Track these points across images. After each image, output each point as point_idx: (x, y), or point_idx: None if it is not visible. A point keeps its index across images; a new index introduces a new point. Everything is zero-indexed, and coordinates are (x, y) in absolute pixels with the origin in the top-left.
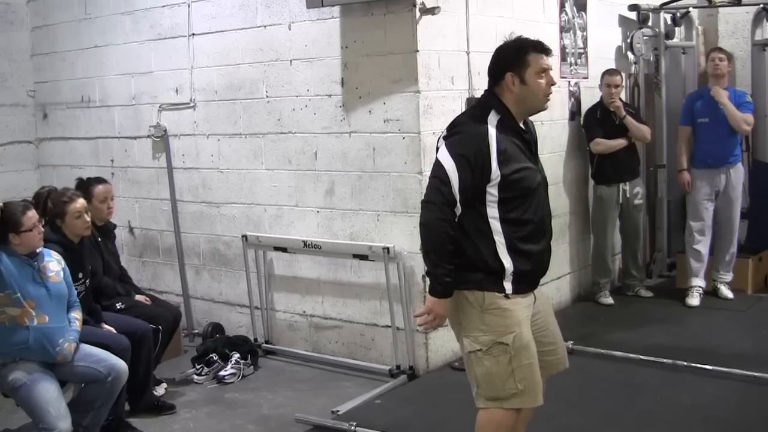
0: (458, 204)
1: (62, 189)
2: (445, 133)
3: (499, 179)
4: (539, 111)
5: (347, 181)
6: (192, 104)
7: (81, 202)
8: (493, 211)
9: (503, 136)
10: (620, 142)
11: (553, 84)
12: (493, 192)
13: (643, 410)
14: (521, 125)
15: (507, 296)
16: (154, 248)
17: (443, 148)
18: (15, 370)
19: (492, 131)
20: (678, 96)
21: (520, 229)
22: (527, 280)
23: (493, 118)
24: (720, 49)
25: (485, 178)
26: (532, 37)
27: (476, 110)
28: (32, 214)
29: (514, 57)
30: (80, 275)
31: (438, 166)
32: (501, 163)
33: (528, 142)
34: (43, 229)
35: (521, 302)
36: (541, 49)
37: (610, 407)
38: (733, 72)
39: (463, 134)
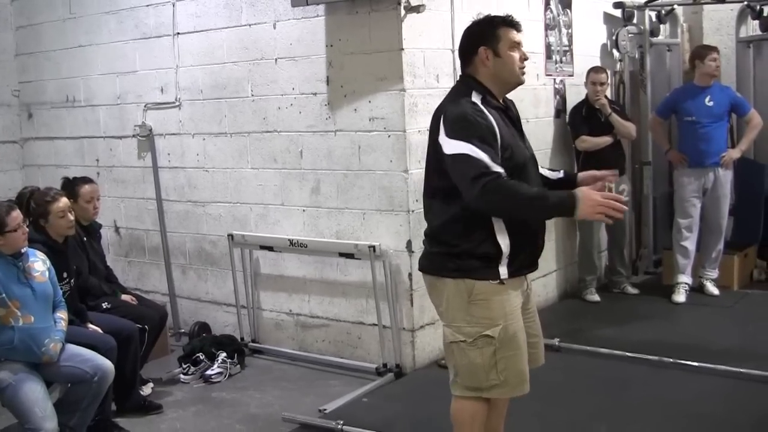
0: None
1: (45, 188)
2: (445, 130)
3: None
4: (517, 84)
5: (333, 179)
6: (177, 103)
7: (64, 201)
8: None
9: (489, 112)
10: (606, 140)
11: (526, 59)
12: None
13: (630, 406)
14: (502, 103)
15: (502, 282)
16: (139, 248)
17: (455, 143)
18: (0, 370)
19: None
20: (663, 93)
21: None
22: (525, 261)
23: (476, 98)
24: (715, 49)
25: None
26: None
27: (458, 95)
28: (16, 215)
29: (486, 31)
30: (65, 275)
31: (460, 161)
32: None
33: (512, 119)
34: (27, 230)
35: (514, 289)
36: (511, 23)
37: (597, 404)
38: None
39: (465, 119)
